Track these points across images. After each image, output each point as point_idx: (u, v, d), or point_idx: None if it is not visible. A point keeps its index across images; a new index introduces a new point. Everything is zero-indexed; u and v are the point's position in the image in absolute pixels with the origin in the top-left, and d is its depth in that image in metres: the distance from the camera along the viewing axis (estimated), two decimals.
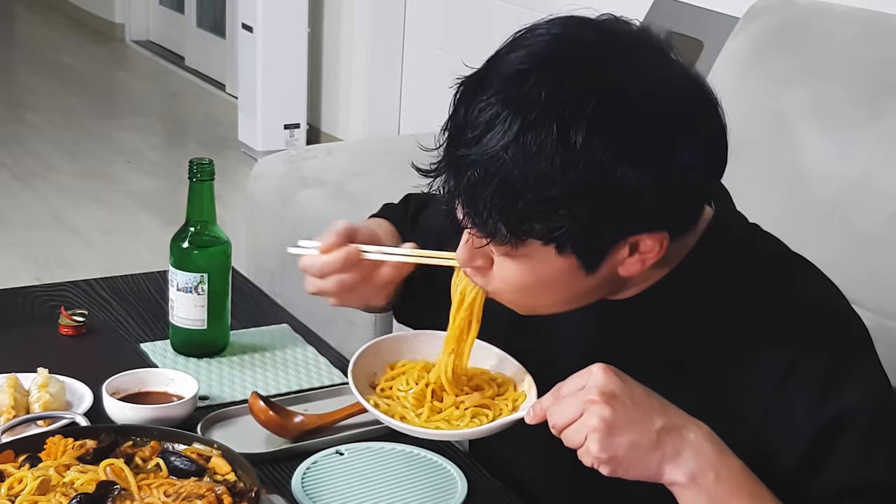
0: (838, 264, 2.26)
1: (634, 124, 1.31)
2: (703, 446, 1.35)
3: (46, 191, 5.60)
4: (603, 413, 1.31)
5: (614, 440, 1.31)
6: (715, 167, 1.41)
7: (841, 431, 1.41)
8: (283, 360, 2.01)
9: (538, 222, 1.33)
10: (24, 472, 1.48)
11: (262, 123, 6.02)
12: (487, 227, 1.35)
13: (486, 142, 1.31)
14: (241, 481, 1.51)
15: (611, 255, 1.39)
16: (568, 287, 1.43)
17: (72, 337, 2.05)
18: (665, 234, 1.39)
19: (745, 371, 1.45)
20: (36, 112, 6.91)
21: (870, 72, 2.65)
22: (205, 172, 1.94)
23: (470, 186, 1.33)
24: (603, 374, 1.33)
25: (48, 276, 4.37)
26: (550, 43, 1.35)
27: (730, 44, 2.98)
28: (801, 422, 1.42)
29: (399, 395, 1.54)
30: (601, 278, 1.42)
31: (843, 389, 1.41)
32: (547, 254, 1.37)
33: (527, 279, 1.42)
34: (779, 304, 1.46)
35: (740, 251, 1.51)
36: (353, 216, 3.29)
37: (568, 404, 1.34)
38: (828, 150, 2.62)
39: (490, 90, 1.33)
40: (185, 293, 1.97)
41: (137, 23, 8.74)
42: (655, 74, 1.35)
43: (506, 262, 1.42)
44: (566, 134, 1.28)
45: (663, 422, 1.34)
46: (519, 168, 1.30)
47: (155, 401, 1.79)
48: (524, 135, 1.29)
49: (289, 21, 5.95)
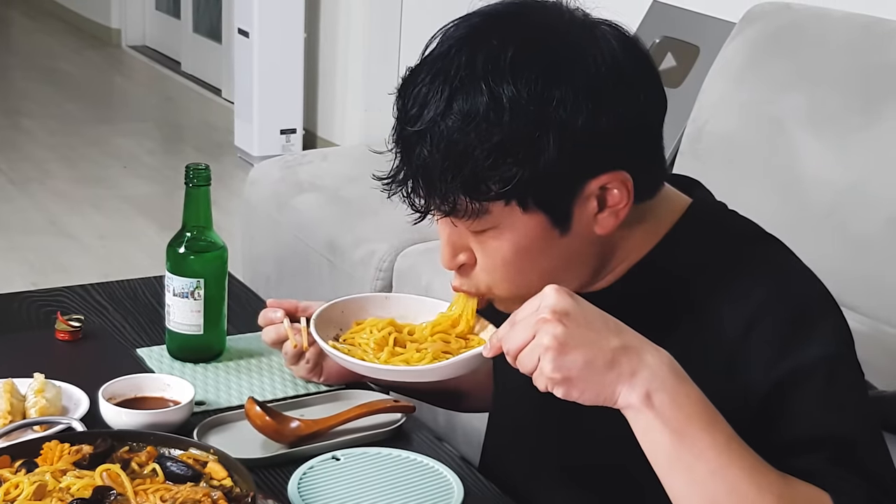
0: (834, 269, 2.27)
1: (553, 65, 1.37)
2: (660, 369, 1.32)
3: (43, 196, 5.60)
4: (556, 331, 1.29)
5: (567, 358, 1.30)
6: (650, 105, 1.46)
7: (796, 386, 1.41)
8: (279, 365, 2.01)
9: (491, 180, 1.37)
10: (21, 478, 1.48)
11: (259, 128, 6.02)
12: (448, 200, 1.40)
13: (426, 115, 1.38)
14: (237, 487, 1.51)
15: (577, 207, 1.42)
16: (549, 253, 1.44)
17: (68, 342, 2.05)
18: (625, 175, 1.42)
19: (709, 332, 1.46)
20: (32, 117, 6.91)
21: (866, 77, 2.66)
22: (201, 178, 1.94)
23: (421, 162, 1.39)
24: (555, 293, 1.32)
25: (44, 282, 4.37)
26: (469, 21, 1.44)
27: (726, 49, 2.98)
28: (759, 377, 1.42)
29: (361, 341, 1.54)
30: (578, 241, 1.44)
31: (801, 346, 1.42)
32: (514, 216, 1.40)
33: (507, 253, 1.44)
34: (742, 269, 1.47)
35: (710, 232, 1.53)
36: (349, 221, 3.31)
37: (521, 327, 1.33)
38: (824, 155, 2.63)
39: (422, 73, 1.41)
40: (181, 298, 1.97)
41: (134, 28, 8.75)
42: (570, 27, 1.42)
43: (483, 244, 1.45)
44: (491, 86, 1.36)
45: (619, 342, 1.32)
46: (458, 129, 1.36)
47: (151, 406, 1.78)
48: (455, 99, 1.37)
49: (285, 26, 5.96)
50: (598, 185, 1.41)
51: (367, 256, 3.19)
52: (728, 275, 1.48)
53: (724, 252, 1.51)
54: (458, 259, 1.49)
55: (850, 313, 1.52)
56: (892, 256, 2.47)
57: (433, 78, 1.39)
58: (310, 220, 3.43)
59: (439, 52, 1.41)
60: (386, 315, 1.61)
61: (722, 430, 1.34)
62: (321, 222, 3.40)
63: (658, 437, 1.32)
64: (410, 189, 1.43)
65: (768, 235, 1.55)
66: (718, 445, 1.32)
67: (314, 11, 6.15)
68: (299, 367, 1.91)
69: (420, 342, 1.54)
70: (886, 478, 1.41)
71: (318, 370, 1.91)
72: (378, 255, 3.17)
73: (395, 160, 1.44)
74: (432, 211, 1.44)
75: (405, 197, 1.44)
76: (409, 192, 1.43)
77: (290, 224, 3.50)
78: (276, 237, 3.56)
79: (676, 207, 1.55)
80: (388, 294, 1.66)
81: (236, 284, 2.28)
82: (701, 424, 1.32)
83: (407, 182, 1.42)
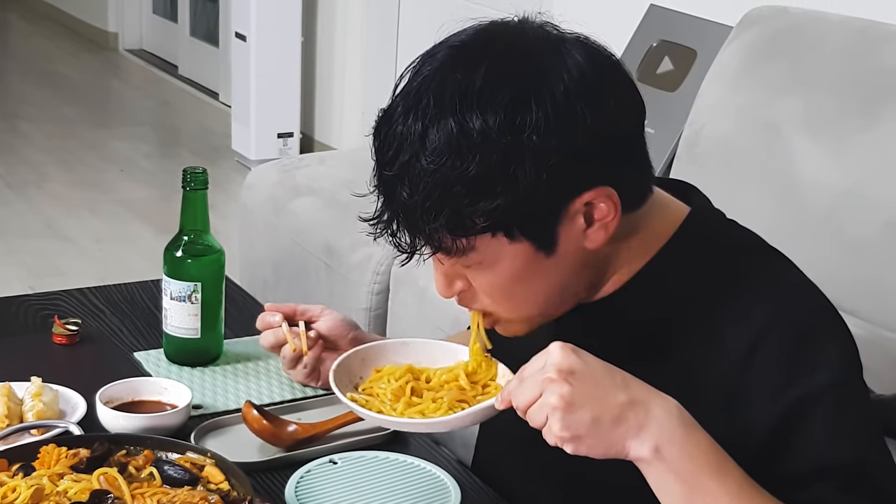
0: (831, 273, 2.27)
1: (520, 91, 1.37)
2: (668, 421, 1.33)
3: (40, 199, 5.60)
4: (562, 391, 1.30)
5: (575, 417, 1.30)
6: (624, 113, 1.44)
7: (803, 417, 1.41)
8: (276, 369, 2.01)
9: (475, 214, 1.37)
10: (18, 481, 1.48)
11: (256, 132, 6.02)
12: (434, 240, 1.40)
13: (401, 157, 1.38)
14: (234, 490, 1.51)
15: (563, 227, 1.41)
16: (541, 276, 1.44)
17: (65, 346, 2.05)
18: (608, 190, 1.41)
19: (710, 354, 1.45)
20: (29, 121, 6.91)
21: (863, 80, 2.66)
22: (198, 181, 1.94)
23: (401, 204, 1.39)
24: (560, 351, 1.33)
25: (41, 285, 4.37)
26: (435, 56, 1.44)
27: (723, 53, 2.98)
28: (766, 405, 1.42)
29: (379, 392, 1.54)
30: (569, 259, 1.44)
31: (807, 371, 1.41)
32: (501, 246, 1.40)
33: (500, 281, 1.44)
34: (746, 296, 1.46)
35: (709, 244, 1.52)
36: (346, 225, 3.31)
37: (528, 385, 1.34)
38: (821, 159, 2.63)
39: (394, 113, 1.41)
40: (178, 302, 1.97)
41: (131, 32, 8.75)
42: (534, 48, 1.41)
43: (476, 273, 1.45)
44: (461, 121, 1.35)
45: (626, 396, 1.33)
46: (434, 168, 1.36)
47: (148, 410, 1.78)
48: (428, 136, 1.37)
49: (282, 30, 5.96)
50: (582, 202, 1.41)
51: (365, 260, 3.19)
52: (728, 290, 1.47)
53: (724, 265, 1.50)
54: (455, 287, 1.49)
55: (848, 318, 1.51)
56: (890, 260, 2.47)
57: (405, 118, 1.39)
58: (307, 224, 3.43)
59: (408, 90, 1.41)
60: (405, 361, 1.60)
61: (733, 474, 1.35)
62: (318, 226, 3.40)
63: (671, 487, 1.34)
64: (395, 229, 1.42)
65: (768, 247, 1.54)
66: (731, 493, 1.34)
67: (311, 15, 6.15)
68: (297, 371, 1.91)
69: (436, 390, 1.54)
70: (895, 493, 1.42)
71: (315, 374, 1.91)
72: (375, 259, 3.17)
73: (377, 202, 1.44)
74: (419, 251, 1.43)
75: (391, 238, 1.44)
76: (395, 232, 1.43)
77: (287, 228, 3.50)
78: (274, 241, 3.56)
79: (673, 217, 1.54)
80: (407, 340, 1.66)
81: (233, 288, 2.28)
82: (712, 473, 1.34)
83: (391, 223, 1.42)
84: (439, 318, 2.89)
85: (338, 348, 1.90)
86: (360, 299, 3.17)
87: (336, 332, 1.90)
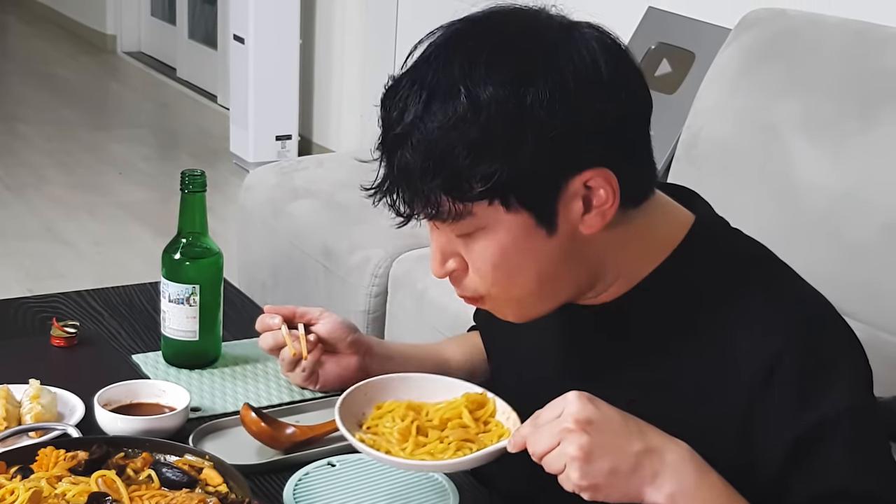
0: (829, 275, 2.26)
1: (529, 63, 1.39)
2: (681, 466, 1.36)
3: (38, 202, 5.59)
4: (581, 441, 1.33)
5: (593, 467, 1.33)
6: (631, 104, 1.46)
7: (819, 441, 1.41)
8: (274, 371, 2.01)
9: (473, 178, 1.38)
10: (16, 484, 1.48)
11: (254, 135, 6.02)
12: (431, 202, 1.40)
13: (406, 119, 1.40)
14: (232, 493, 1.51)
15: (562, 205, 1.42)
16: (537, 255, 1.45)
17: (63, 348, 2.05)
18: (607, 173, 1.42)
19: (721, 367, 1.45)
20: (28, 123, 6.91)
21: (861, 83, 2.66)
22: (196, 184, 1.94)
23: (403, 166, 1.40)
24: (578, 401, 1.35)
25: (40, 288, 4.36)
26: (449, 28, 1.46)
27: (721, 55, 2.98)
28: (780, 431, 1.42)
29: (385, 431, 1.55)
30: (564, 243, 1.44)
31: (822, 397, 1.41)
32: (498, 216, 1.41)
33: (494, 256, 1.44)
34: (755, 306, 1.46)
35: (719, 254, 1.52)
36: (344, 227, 3.31)
37: (545, 433, 1.36)
38: (819, 161, 2.63)
39: (403, 80, 1.43)
40: (176, 304, 1.97)
41: (129, 34, 8.75)
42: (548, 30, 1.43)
43: (470, 247, 1.45)
44: (468, 87, 1.37)
45: (641, 445, 1.36)
46: (438, 129, 1.38)
47: (146, 412, 1.78)
48: (434, 100, 1.39)
49: (280, 32, 5.96)
50: (581, 182, 1.41)
51: (363, 262, 3.19)
52: (739, 299, 1.47)
53: (733, 274, 1.50)
54: (448, 266, 1.49)
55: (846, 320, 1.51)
56: (889, 263, 2.46)
57: (412, 83, 1.41)
58: (305, 227, 3.43)
59: (420, 59, 1.43)
60: (405, 396, 1.61)
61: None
62: (317, 228, 3.40)
63: None
64: (395, 195, 1.43)
65: (774, 256, 1.54)
66: None
67: (309, 17, 6.15)
68: (295, 374, 1.91)
69: (440, 428, 1.55)
70: None
71: (314, 377, 1.91)
72: (374, 261, 3.17)
73: (379, 169, 1.45)
74: (417, 215, 1.44)
75: (390, 205, 1.44)
76: (395, 198, 1.44)
77: (285, 230, 3.50)
78: (272, 243, 3.56)
79: (680, 223, 1.54)
80: (407, 375, 1.67)
81: (232, 290, 2.28)
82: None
83: (392, 189, 1.43)
84: (437, 320, 2.89)
85: (337, 351, 1.90)
86: (359, 302, 3.17)
87: (335, 334, 1.90)
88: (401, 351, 1.98)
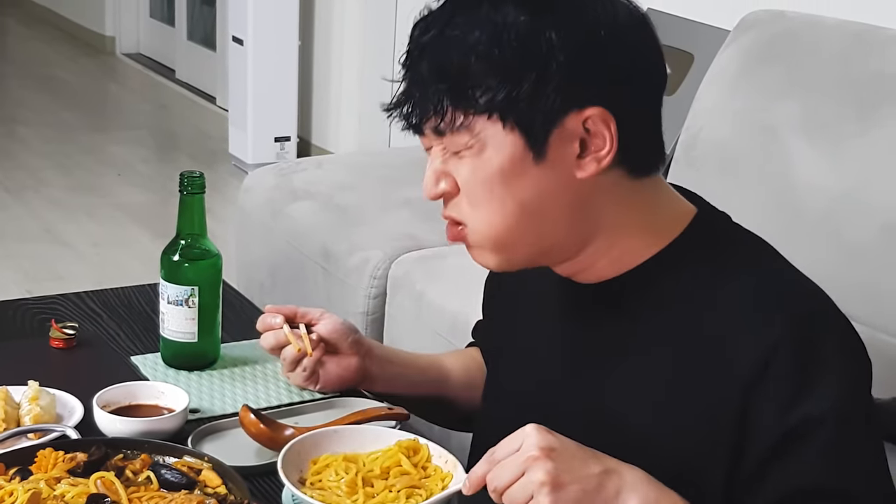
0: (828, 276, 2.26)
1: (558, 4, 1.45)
2: (640, 484, 1.40)
3: (37, 204, 5.59)
4: (547, 467, 1.35)
5: (563, 492, 1.36)
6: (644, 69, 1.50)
7: (803, 437, 1.41)
8: (273, 373, 2.01)
9: (479, 89, 1.42)
10: (15, 485, 1.48)
11: (253, 136, 6.02)
12: (437, 110, 1.45)
13: (429, 32, 1.46)
14: (231, 494, 1.51)
15: (556, 137, 1.44)
16: (525, 182, 1.46)
17: (62, 350, 2.05)
18: (607, 115, 1.44)
19: (718, 368, 1.46)
20: (27, 125, 6.91)
21: (859, 84, 2.66)
22: (195, 185, 1.94)
23: (419, 72, 1.46)
24: (537, 432, 1.38)
25: (39, 289, 4.36)
26: None
27: (720, 56, 2.98)
28: (770, 423, 1.43)
29: (331, 485, 1.55)
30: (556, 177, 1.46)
31: (812, 393, 1.42)
32: (495, 133, 1.44)
33: (485, 173, 1.46)
34: (755, 298, 1.47)
35: (721, 245, 1.53)
36: (343, 229, 3.31)
37: (507, 466, 1.38)
38: (818, 163, 2.63)
39: (434, 7, 1.50)
40: (175, 306, 1.97)
41: (128, 36, 8.74)
42: None
43: (464, 165, 1.47)
44: (491, 9, 1.43)
45: (599, 467, 1.39)
46: (455, 40, 1.43)
47: (145, 414, 1.78)
48: (456, 15, 1.45)
49: (279, 34, 5.96)
50: (580, 121, 1.44)
51: (362, 264, 3.19)
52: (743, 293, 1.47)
53: (735, 268, 1.50)
54: (440, 187, 1.51)
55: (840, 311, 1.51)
56: (888, 264, 2.47)
57: (441, 5, 1.48)
58: (304, 228, 3.43)
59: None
60: (339, 449, 1.61)
61: None
62: (315, 230, 3.40)
63: None
64: (408, 105, 1.48)
65: (776, 252, 1.55)
66: None
67: (308, 19, 6.15)
68: (296, 373, 1.91)
69: (382, 478, 1.56)
70: None
71: (314, 378, 1.91)
72: (372, 263, 3.17)
73: (400, 86, 1.50)
74: (422, 122, 1.47)
75: (403, 117, 1.49)
76: (408, 111, 1.48)
77: (284, 232, 3.50)
78: (271, 245, 3.56)
79: (683, 213, 1.55)
80: (337, 427, 1.68)
81: (230, 292, 2.28)
82: None
83: (406, 97, 1.48)
84: (436, 322, 2.89)
85: (338, 352, 1.90)
86: (357, 303, 3.17)
87: (336, 335, 1.90)
88: (402, 357, 1.99)
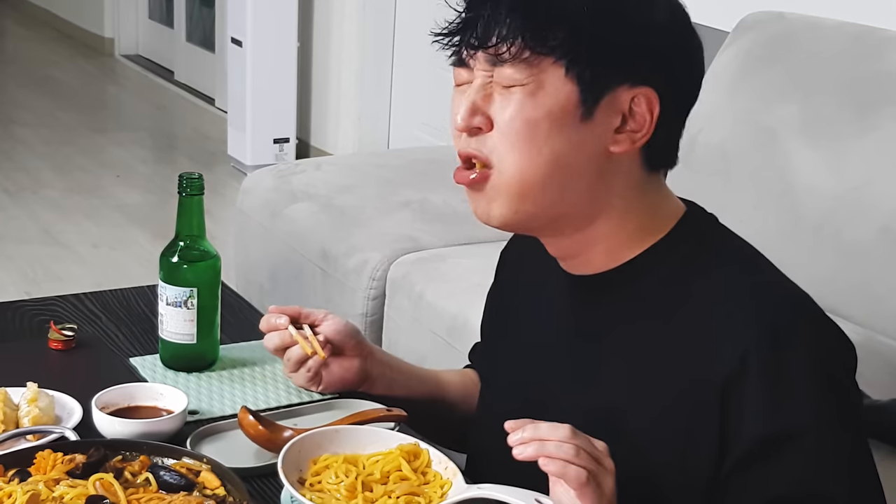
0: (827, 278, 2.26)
1: None
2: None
3: (36, 205, 5.59)
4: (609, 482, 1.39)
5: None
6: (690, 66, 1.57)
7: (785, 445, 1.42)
8: (272, 374, 2.01)
9: (558, 31, 1.42)
10: (14, 487, 1.48)
11: (252, 138, 6.02)
12: (507, 37, 1.43)
13: None
14: (230, 496, 1.51)
15: (606, 102, 1.46)
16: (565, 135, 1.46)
17: (61, 351, 2.04)
18: (655, 98, 1.47)
19: (699, 365, 1.46)
20: (26, 126, 6.91)
21: (859, 86, 2.66)
22: (194, 187, 1.94)
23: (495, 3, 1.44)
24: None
25: (37, 291, 4.37)
26: None
27: (719, 58, 2.98)
28: (749, 426, 1.42)
29: (330, 487, 1.54)
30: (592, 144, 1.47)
31: (791, 401, 1.41)
32: (556, 77, 1.44)
33: (533, 114, 1.46)
34: (731, 299, 1.47)
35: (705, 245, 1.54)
36: (342, 230, 3.31)
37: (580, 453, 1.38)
38: (817, 164, 2.63)
39: None
40: (174, 307, 1.97)
41: (127, 37, 8.74)
42: None
43: (511, 101, 1.46)
44: None
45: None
46: None
47: (144, 415, 1.78)
48: None
49: (278, 35, 5.95)
50: (629, 97, 1.46)
51: (361, 265, 3.19)
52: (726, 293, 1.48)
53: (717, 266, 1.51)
54: (475, 120, 1.49)
55: (843, 323, 1.51)
56: (886, 265, 2.47)
57: None
58: (303, 230, 3.43)
59: None
60: (339, 449, 1.61)
61: None
62: (314, 231, 3.40)
63: None
64: (472, 28, 1.46)
65: (760, 254, 1.55)
66: None
67: (307, 20, 6.15)
68: (299, 374, 1.91)
69: (382, 482, 1.55)
70: None
71: (317, 379, 1.91)
72: (371, 265, 3.17)
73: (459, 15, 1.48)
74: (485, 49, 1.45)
75: (459, 42, 1.47)
76: (469, 32, 1.46)
77: (283, 233, 3.50)
78: (270, 246, 3.56)
79: (673, 210, 1.57)
80: (339, 427, 1.67)
81: (229, 294, 2.28)
82: None
83: (471, 21, 1.46)
84: (435, 323, 2.89)
85: (342, 353, 1.89)
86: (356, 305, 3.17)
87: (341, 336, 1.89)
88: (401, 364, 1.99)
